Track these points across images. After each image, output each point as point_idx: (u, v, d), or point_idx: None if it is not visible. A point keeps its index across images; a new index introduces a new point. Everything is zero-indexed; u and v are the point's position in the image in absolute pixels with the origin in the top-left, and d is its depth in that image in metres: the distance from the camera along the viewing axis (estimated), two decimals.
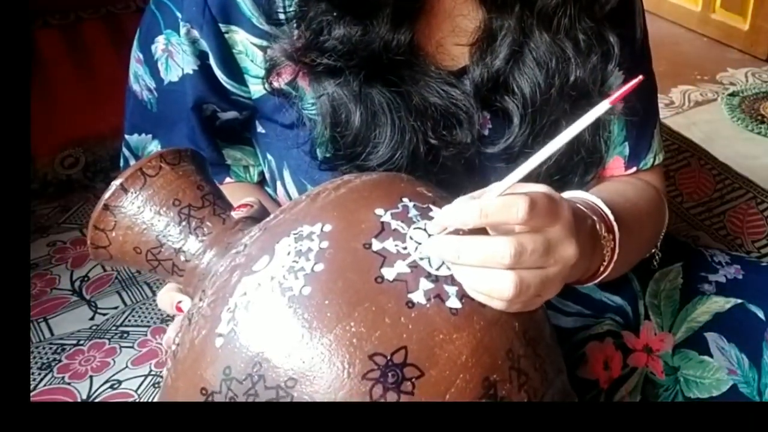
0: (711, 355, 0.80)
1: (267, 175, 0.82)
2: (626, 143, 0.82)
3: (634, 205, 0.76)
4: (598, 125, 0.76)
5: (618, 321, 0.83)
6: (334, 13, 0.66)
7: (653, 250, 0.85)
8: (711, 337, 0.80)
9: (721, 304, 0.82)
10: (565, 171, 0.75)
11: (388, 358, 0.46)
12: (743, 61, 2.25)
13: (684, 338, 0.82)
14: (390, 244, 0.50)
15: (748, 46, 2.30)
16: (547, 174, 0.73)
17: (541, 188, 0.53)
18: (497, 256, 0.49)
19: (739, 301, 0.82)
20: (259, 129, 0.78)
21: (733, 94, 1.99)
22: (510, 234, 0.51)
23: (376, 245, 0.50)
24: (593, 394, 0.79)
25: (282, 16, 0.68)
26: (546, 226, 0.51)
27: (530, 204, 0.49)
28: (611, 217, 0.65)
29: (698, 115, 1.91)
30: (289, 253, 0.50)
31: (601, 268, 0.64)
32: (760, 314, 0.80)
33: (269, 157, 0.79)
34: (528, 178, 0.53)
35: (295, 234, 0.51)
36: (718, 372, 0.79)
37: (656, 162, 0.86)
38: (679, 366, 0.81)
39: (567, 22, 0.72)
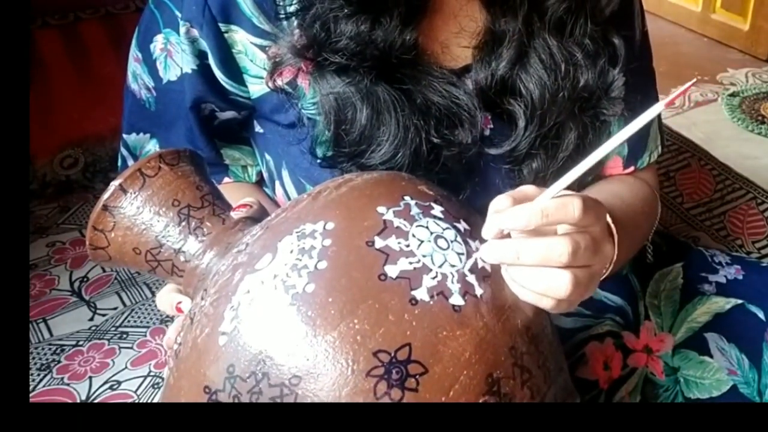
0: (711, 356, 0.80)
1: (265, 175, 0.82)
2: (625, 143, 0.82)
3: (630, 205, 0.77)
4: (602, 127, 0.76)
5: (618, 321, 0.83)
6: (345, 10, 0.66)
7: (644, 243, 0.86)
8: (711, 337, 0.80)
9: (721, 304, 0.82)
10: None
11: (392, 355, 0.46)
12: (743, 62, 2.25)
13: (684, 338, 0.82)
14: (393, 242, 0.50)
15: (749, 47, 2.30)
16: (552, 176, 0.73)
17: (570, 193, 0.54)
18: (555, 255, 0.51)
19: (740, 301, 0.82)
20: (258, 129, 0.78)
21: (733, 95, 1.99)
22: (552, 235, 0.52)
23: (379, 243, 0.50)
24: (593, 395, 0.79)
25: (287, 12, 0.68)
26: (592, 225, 0.53)
27: (583, 203, 0.51)
28: (610, 222, 0.65)
29: (698, 116, 1.91)
30: (291, 251, 0.50)
31: (603, 270, 0.65)
32: (760, 315, 0.80)
33: (267, 156, 0.79)
34: (535, 182, 0.54)
35: (297, 232, 0.51)
36: (718, 372, 0.79)
37: (651, 160, 0.86)
38: (679, 366, 0.81)
39: (574, 26, 0.72)
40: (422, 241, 0.51)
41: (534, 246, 0.51)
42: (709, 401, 0.78)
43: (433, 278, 0.50)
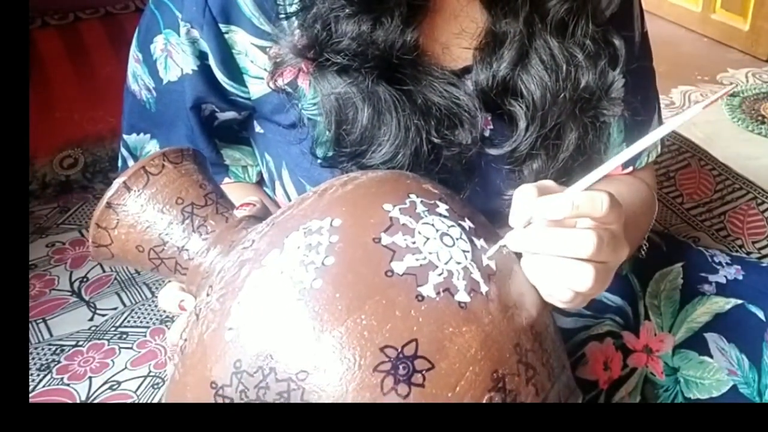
0: (711, 356, 0.80)
1: (265, 176, 0.82)
2: (624, 144, 0.82)
3: (629, 206, 0.77)
4: (602, 128, 0.76)
5: (618, 321, 0.83)
6: (347, 10, 0.66)
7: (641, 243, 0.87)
8: (711, 337, 0.80)
9: (721, 304, 0.82)
10: (570, 173, 0.75)
11: (399, 350, 0.47)
12: (743, 62, 2.25)
13: (684, 339, 0.82)
14: (399, 239, 0.50)
15: (749, 47, 2.30)
16: (552, 177, 0.73)
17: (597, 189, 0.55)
18: (581, 247, 0.51)
19: (740, 301, 0.82)
20: (258, 129, 0.78)
21: (733, 95, 1.99)
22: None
23: (386, 239, 0.50)
24: (593, 395, 0.79)
25: (287, 12, 0.68)
26: (614, 222, 0.54)
27: (611, 199, 0.52)
28: None
29: (698, 116, 1.90)
30: (299, 247, 0.50)
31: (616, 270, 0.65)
32: (761, 315, 0.80)
33: (267, 157, 0.79)
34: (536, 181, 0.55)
35: (304, 228, 0.51)
36: (718, 372, 0.79)
37: (649, 160, 0.86)
38: (679, 366, 0.81)
39: (575, 27, 0.72)
40: (428, 239, 0.51)
41: (561, 236, 0.52)
42: (709, 401, 0.78)
43: (439, 275, 0.50)
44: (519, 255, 0.56)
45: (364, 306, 0.47)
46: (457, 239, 0.52)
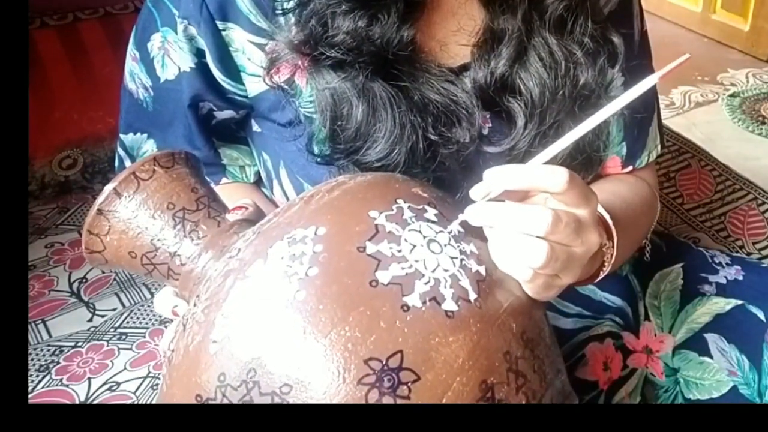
0: (711, 357, 0.80)
1: (263, 175, 0.82)
2: (624, 143, 0.82)
3: (629, 205, 0.77)
4: (601, 126, 0.76)
5: (618, 322, 0.83)
6: (343, 6, 0.66)
7: (644, 242, 0.86)
8: (711, 338, 0.80)
9: (722, 305, 0.82)
10: None
11: (384, 362, 0.46)
12: (744, 62, 2.25)
13: (684, 339, 0.82)
14: (384, 247, 0.49)
15: (749, 47, 2.30)
16: None
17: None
18: (536, 222, 0.51)
19: (740, 302, 0.82)
20: (255, 128, 0.78)
21: (733, 95, 1.99)
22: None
23: (371, 248, 0.49)
24: (593, 396, 0.79)
25: (284, 8, 0.68)
26: (578, 205, 0.53)
27: (570, 176, 0.52)
28: (610, 223, 0.65)
29: (699, 116, 1.91)
30: (282, 258, 0.49)
31: (601, 273, 0.65)
32: (761, 315, 0.80)
33: (265, 156, 0.79)
34: None
35: (288, 238, 0.50)
36: (718, 373, 0.79)
37: (650, 159, 0.86)
38: (679, 367, 0.81)
39: (574, 24, 0.72)
40: (415, 246, 0.50)
41: (516, 210, 0.52)
42: (709, 402, 0.78)
43: (426, 283, 0.49)
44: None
45: (348, 317, 0.46)
46: (445, 245, 0.51)
